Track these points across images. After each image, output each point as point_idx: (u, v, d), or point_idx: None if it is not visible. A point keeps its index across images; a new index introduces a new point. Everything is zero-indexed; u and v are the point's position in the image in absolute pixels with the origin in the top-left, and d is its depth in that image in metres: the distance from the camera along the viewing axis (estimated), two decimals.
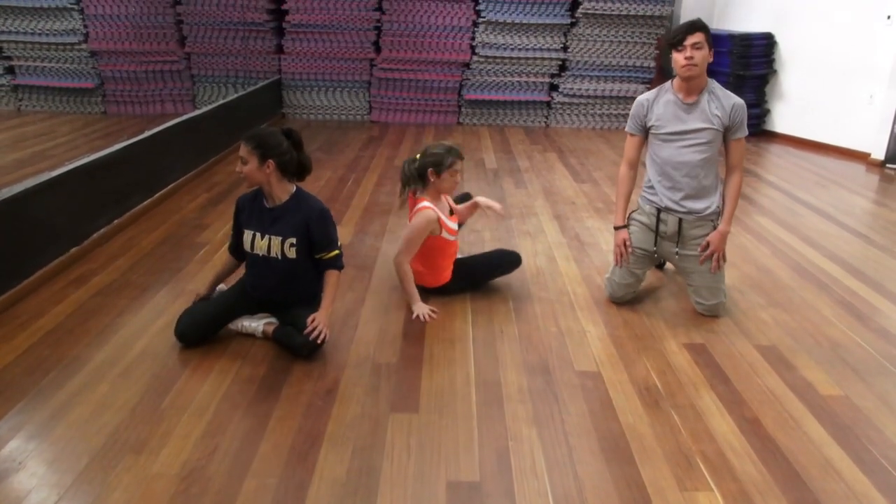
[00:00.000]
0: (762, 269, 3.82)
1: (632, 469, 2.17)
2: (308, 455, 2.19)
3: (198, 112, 5.94)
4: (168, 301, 3.24)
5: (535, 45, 7.82)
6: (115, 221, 4.15)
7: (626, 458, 2.22)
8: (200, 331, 2.84)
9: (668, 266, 3.79)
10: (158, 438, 2.26)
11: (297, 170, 2.81)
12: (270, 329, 2.87)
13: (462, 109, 8.10)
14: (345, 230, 4.29)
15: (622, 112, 8.03)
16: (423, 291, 3.26)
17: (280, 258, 2.79)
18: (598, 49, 7.87)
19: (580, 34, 7.79)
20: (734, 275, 3.70)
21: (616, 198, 3.33)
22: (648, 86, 7.97)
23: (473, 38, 7.80)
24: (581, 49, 7.86)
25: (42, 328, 2.96)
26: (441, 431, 2.33)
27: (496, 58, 7.85)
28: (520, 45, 7.81)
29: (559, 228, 4.41)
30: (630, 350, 2.91)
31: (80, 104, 8.01)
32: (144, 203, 4.55)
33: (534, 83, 8.00)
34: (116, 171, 4.24)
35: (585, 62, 7.92)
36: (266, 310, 2.95)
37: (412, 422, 2.38)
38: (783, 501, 2.04)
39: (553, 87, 8.09)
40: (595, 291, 3.48)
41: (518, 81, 7.95)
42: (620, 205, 3.29)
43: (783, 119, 7.60)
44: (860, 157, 6.64)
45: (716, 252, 3.13)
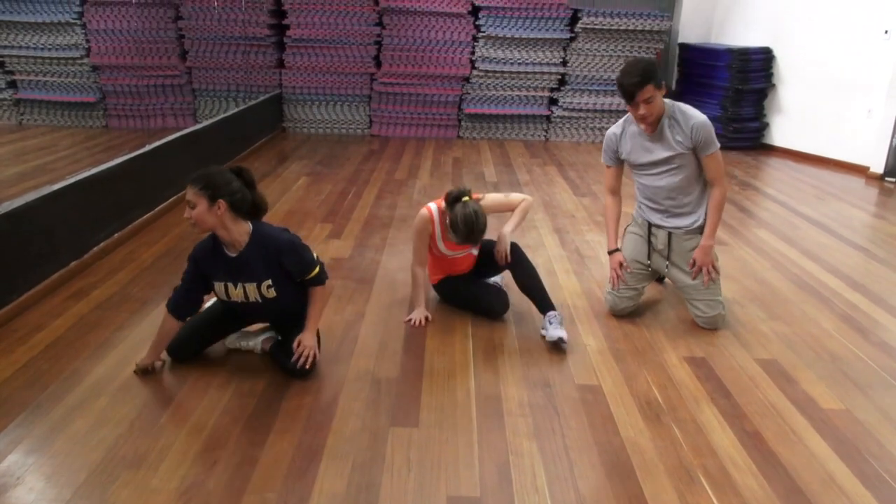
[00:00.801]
0: (762, 283, 3.82)
1: (633, 484, 2.16)
2: (308, 470, 2.18)
3: (199, 126, 5.96)
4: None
5: (535, 60, 7.86)
6: (116, 235, 4.16)
7: (628, 473, 2.20)
8: (191, 346, 2.80)
9: (667, 280, 3.78)
10: (157, 453, 2.24)
11: (251, 209, 2.63)
12: (268, 345, 2.86)
13: (462, 123, 8.13)
14: (345, 243, 4.29)
15: None
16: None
17: (261, 300, 2.66)
18: (598, 63, 7.92)
19: (579, 49, 7.84)
20: (734, 288, 3.70)
21: (606, 224, 3.38)
22: None
23: (473, 53, 7.85)
24: (580, 63, 7.91)
25: (42, 342, 2.95)
26: (441, 446, 2.32)
27: (496, 72, 7.89)
28: (519, 60, 7.85)
29: (559, 242, 4.41)
30: (631, 363, 2.91)
31: (82, 118, 8.05)
32: (145, 216, 4.55)
33: (533, 97, 8.03)
34: (117, 185, 4.25)
35: (585, 76, 7.96)
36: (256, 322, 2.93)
37: (412, 436, 2.37)
38: None
39: (553, 102, 8.13)
40: (595, 304, 3.47)
41: (518, 95, 7.99)
42: (611, 230, 3.34)
43: (782, 133, 7.62)
44: (859, 171, 6.66)
45: (703, 266, 3.16)
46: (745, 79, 7.47)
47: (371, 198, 5.39)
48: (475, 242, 3.06)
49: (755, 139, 7.75)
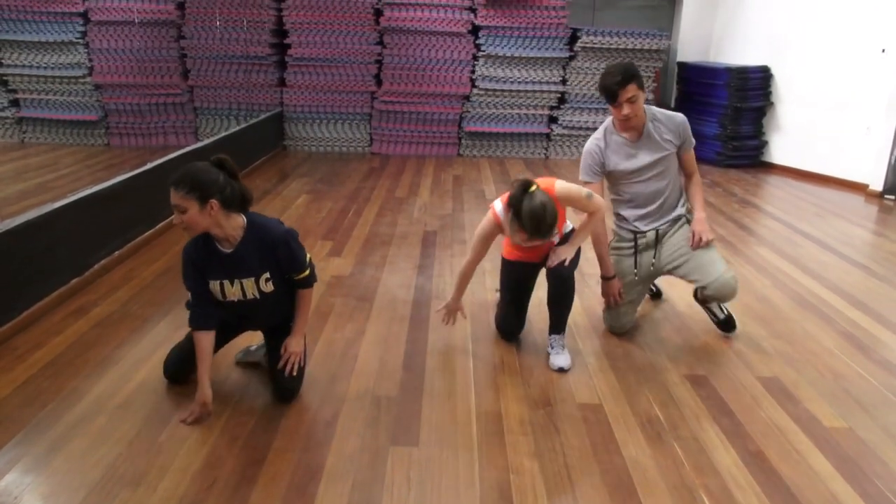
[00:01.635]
0: (763, 300, 3.82)
1: (635, 503, 2.14)
2: (307, 489, 2.17)
3: (200, 144, 5.99)
4: (168, 333, 3.23)
5: (535, 78, 7.91)
6: (117, 252, 4.16)
7: (629, 492, 2.19)
8: (187, 366, 2.70)
9: (666, 296, 3.78)
10: (156, 471, 2.23)
11: (241, 200, 2.50)
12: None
13: (462, 141, 8.16)
14: (345, 261, 4.30)
15: None
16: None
17: (258, 296, 2.57)
18: (597, 82, 7.94)
19: (579, 67, 7.89)
20: (735, 306, 3.69)
21: (600, 254, 3.23)
22: None
23: (473, 72, 7.90)
24: (580, 82, 7.95)
25: (41, 360, 2.95)
26: (441, 465, 2.31)
27: (496, 90, 7.93)
28: (519, 78, 7.90)
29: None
30: (632, 382, 2.89)
31: (84, 136, 8.08)
32: (146, 234, 4.56)
33: (533, 115, 8.07)
34: (118, 203, 4.26)
35: (584, 95, 8.00)
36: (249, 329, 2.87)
37: (412, 455, 2.36)
38: None
39: (552, 120, 8.17)
40: (596, 322, 3.47)
41: (518, 114, 8.03)
42: (606, 257, 3.23)
43: (781, 150, 7.65)
44: (858, 188, 6.67)
45: (699, 234, 3.14)
46: (744, 97, 7.51)
47: (371, 215, 5.40)
48: (544, 237, 2.71)
49: (754, 157, 7.78)
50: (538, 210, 2.61)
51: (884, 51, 6.42)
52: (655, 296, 3.75)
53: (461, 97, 7.97)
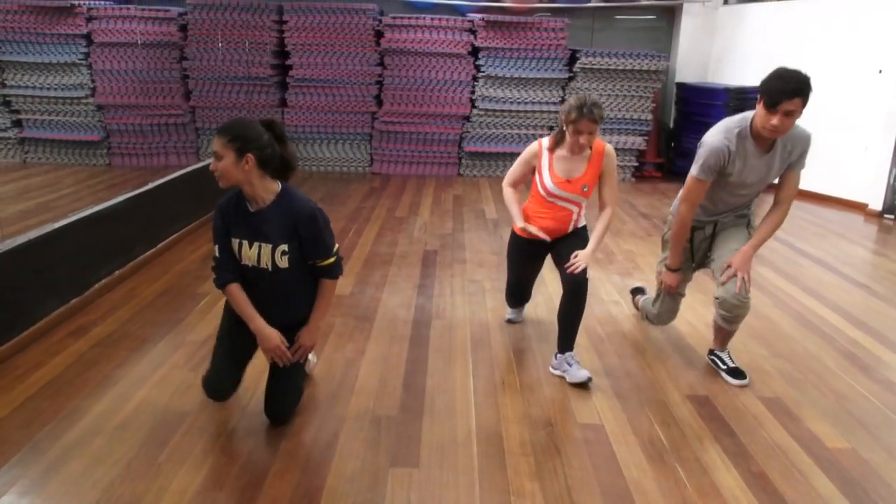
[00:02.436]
0: (764, 320, 3.81)
1: None
2: None
3: (201, 164, 6.00)
4: (167, 353, 3.22)
5: (534, 99, 7.96)
6: (117, 272, 4.16)
7: None
8: (231, 375, 2.65)
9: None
10: (154, 494, 2.21)
11: (281, 166, 2.49)
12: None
13: (462, 161, 8.19)
14: (346, 281, 4.29)
15: (620, 164, 8.12)
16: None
17: (270, 269, 2.49)
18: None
19: (578, 88, 7.93)
20: None
21: (674, 241, 3.16)
22: (646, 138, 8.09)
23: (473, 92, 7.94)
24: None
25: (40, 380, 2.93)
26: (442, 487, 2.29)
27: (496, 111, 7.97)
28: (519, 99, 7.95)
29: (559, 279, 4.40)
30: (633, 402, 2.88)
31: (86, 156, 8.11)
32: (146, 254, 4.56)
33: (533, 135, 8.09)
34: (119, 223, 4.27)
35: None
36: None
37: (412, 476, 2.34)
38: None
39: None
40: (597, 343, 3.46)
41: (517, 134, 8.06)
42: (679, 248, 3.16)
43: None
44: (858, 208, 6.69)
45: (739, 272, 2.93)
46: None
47: (372, 235, 5.41)
48: (592, 114, 2.89)
49: None
50: (581, 95, 2.94)
51: (881, 71, 6.47)
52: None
53: (461, 117, 8.01)
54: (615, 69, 7.83)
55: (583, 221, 3.27)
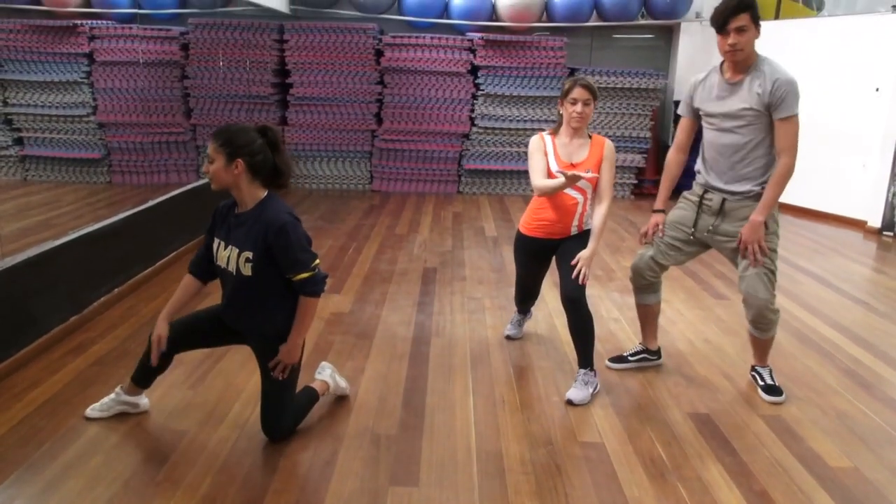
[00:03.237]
0: None
1: None
2: None
3: (201, 182, 6.02)
4: (166, 371, 3.20)
5: (533, 117, 8.00)
6: (117, 290, 4.16)
7: None
8: (187, 337, 2.72)
9: (666, 332, 3.76)
10: None
11: (272, 173, 2.50)
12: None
13: (462, 179, 8.22)
14: (345, 298, 4.29)
15: (619, 181, 8.16)
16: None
17: (235, 273, 2.49)
18: (595, 120, 8.04)
19: None
20: (736, 343, 3.68)
21: (662, 181, 3.24)
22: (645, 156, 8.12)
23: (473, 110, 7.99)
24: None
25: (39, 398, 2.92)
26: None
27: (495, 129, 8.02)
28: (518, 117, 7.99)
29: (559, 296, 4.39)
30: (634, 420, 2.87)
31: (86, 174, 8.14)
32: (146, 271, 4.56)
33: None
34: (119, 240, 4.27)
35: None
36: (241, 341, 2.72)
37: (412, 496, 2.32)
38: None
39: None
40: (597, 360, 3.44)
41: (517, 151, 8.09)
42: (664, 188, 3.22)
43: None
44: (857, 225, 6.70)
45: (749, 244, 2.89)
46: None
47: (371, 252, 5.41)
48: (585, 83, 3.07)
49: None
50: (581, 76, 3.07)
51: (878, 89, 6.51)
52: (654, 355, 3.62)
53: (461, 135, 8.05)
54: (613, 87, 7.87)
55: (589, 222, 3.19)
